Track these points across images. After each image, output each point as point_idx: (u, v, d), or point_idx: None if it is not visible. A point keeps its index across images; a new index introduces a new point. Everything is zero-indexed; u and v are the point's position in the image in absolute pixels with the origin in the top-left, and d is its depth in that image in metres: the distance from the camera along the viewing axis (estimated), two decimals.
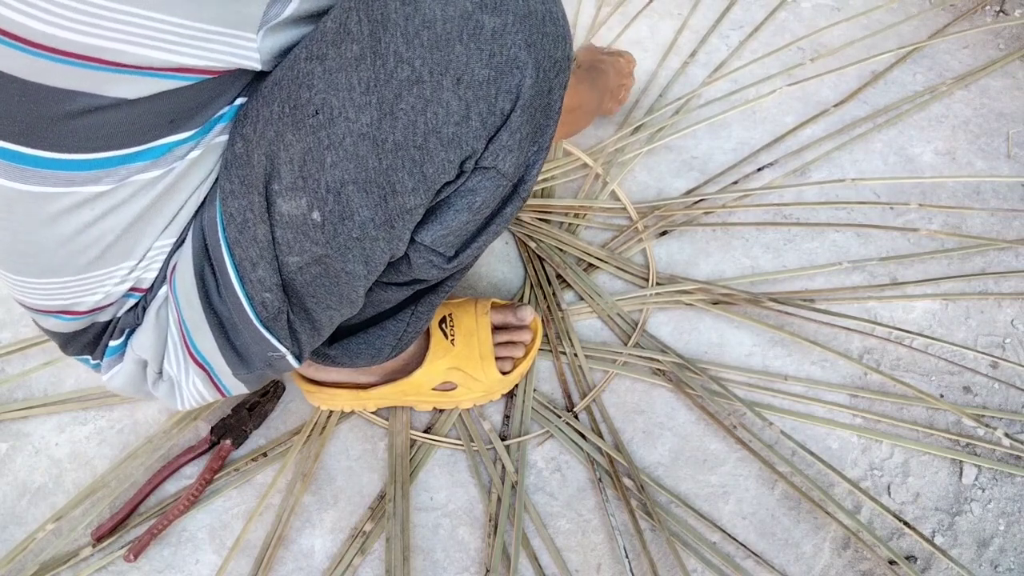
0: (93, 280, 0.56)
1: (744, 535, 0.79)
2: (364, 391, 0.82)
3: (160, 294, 0.60)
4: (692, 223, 1.02)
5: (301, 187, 0.52)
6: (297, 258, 0.56)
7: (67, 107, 0.45)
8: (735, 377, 0.89)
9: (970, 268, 0.98)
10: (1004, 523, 0.80)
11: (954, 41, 1.24)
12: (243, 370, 0.63)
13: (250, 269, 0.56)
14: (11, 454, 0.84)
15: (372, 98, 0.49)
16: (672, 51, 1.23)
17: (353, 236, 0.54)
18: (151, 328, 0.61)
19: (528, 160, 0.57)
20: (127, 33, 0.43)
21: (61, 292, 0.56)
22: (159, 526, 0.76)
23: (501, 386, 0.85)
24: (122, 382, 0.65)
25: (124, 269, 0.57)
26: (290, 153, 0.51)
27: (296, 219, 0.53)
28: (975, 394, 0.88)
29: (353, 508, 0.80)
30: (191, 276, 0.58)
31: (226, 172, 0.54)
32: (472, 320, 0.84)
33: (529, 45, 0.49)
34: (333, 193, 0.52)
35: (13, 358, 0.91)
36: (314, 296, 0.59)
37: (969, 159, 1.10)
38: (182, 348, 0.62)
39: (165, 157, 0.51)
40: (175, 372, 0.64)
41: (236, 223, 0.55)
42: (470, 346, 0.83)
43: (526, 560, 0.77)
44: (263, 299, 0.58)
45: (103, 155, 0.49)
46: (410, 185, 0.52)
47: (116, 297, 0.59)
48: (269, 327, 0.59)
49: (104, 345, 0.63)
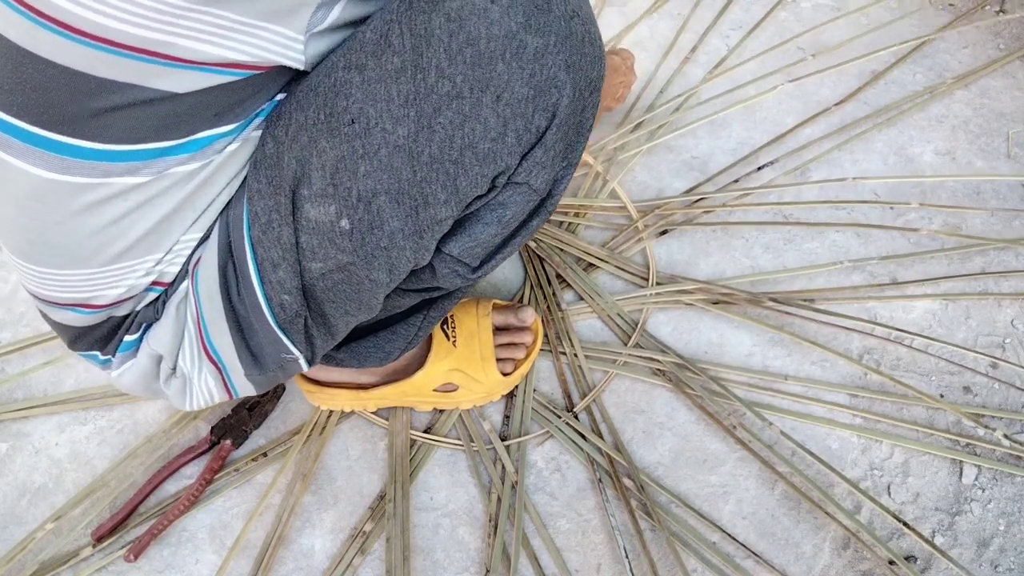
0: (118, 273, 0.56)
1: (744, 535, 0.79)
2: (365, 391, 0.82)
3: (181, 288, 0.60)
4: (692, 223, 1.02)
5: (331, 194, 0.52)
6: (320, 264, 0.56)
7: (114, 98, 0.46)
8: (735, 377, 0.89)
9: (970, 268, 0.98)
10: (1004, 523, 0.80)
11: (954, 41, 1.24)
12: (255, 371, 0.63)
13: (271, 270, 0.56)
14: (11, 454, 0.84)
15: (411, 111, 0.49)
16: (672, 50, 1.23)
17: (381, 245, 0.54)
18: (170, 323, 0.61)
19: (557, 175, 0.58)
20: (179, 26, 0.44)
21: (84, 284, 0.56)
22: (159, 526, 0.76)
23: (502, 387, 0.85)
24: (132, 379, 0.65)
25: (150, 262, 0.56)
26: (323, 160, 0.52)
27: (323, 225, 0.54)
28: (975, 394, 0.88)
29: (353, 508, 0.80)
30: (214, 271, 0.58)
31: (255, 171, 0.55)
32: (473, 321, 0.84)
33: (569, 66, 0.50)
34: (364, 202, 0.52)
35: (13, 358, 0.91)
36: (333, 301, 0.59)
37: (969, 159, 1.10)
38: (198, 344, 0.62)
39: (204, 150, 0.52)
40: (188, 369, 0.64)
41: (261, 223, 0.55)
42: (471, 347, 0.83)
43: (526, 560, 0.77)
44: (282, 301, 0.58)
45: (144, 147, 0.49)
46: (443, 198, 0.53)
47: (139, 291, 0.58)
48: (285, 329, 0.59)
49: (119, 340, 0.63)
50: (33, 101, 0.46)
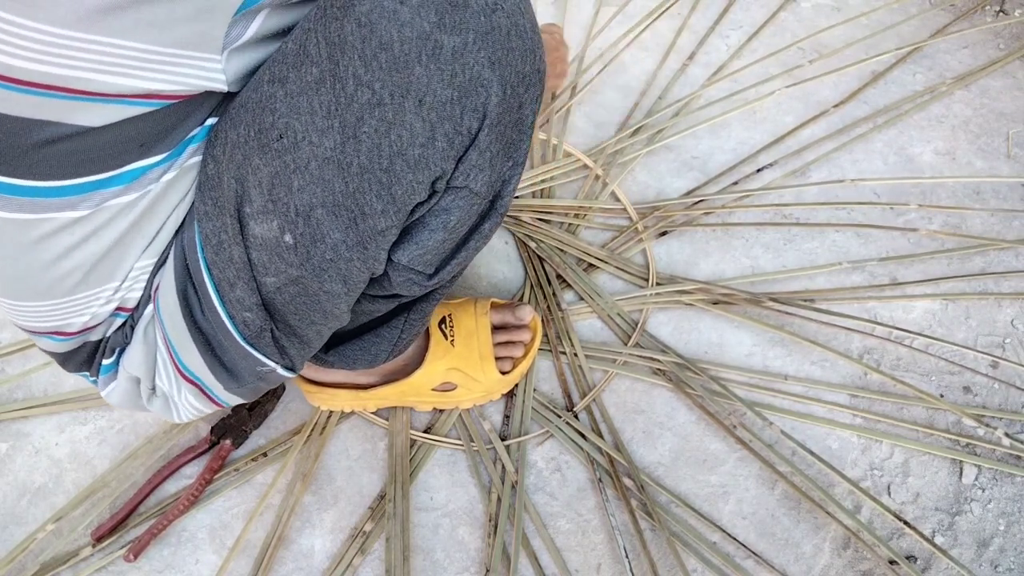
0: (79, 302, 0.56)
1: (744, 535, 0.79)
2: (364, 391, 0.82)
3: (147, 313, 0.61)
4: (692, 223, 1.02)
5: (271, 210, 0.52)
6: (274, 279, 0.55)
7: (36, 136, 0.45)
8: (735, 377, 0.89)
9: (970, 268, 0.98)
10: (1004, 523, 0.80)
11: (954, 41, 1.24)
12: (234, 384, 0.63)
13: (228, 289, 0.56)
14: (11, 454, 0.84)
15: (334, 122, 0.48)
16: (672, 52, 1.23)
17: (327, 258, 0.54)
18: (139, 346, 0.61)
19: (503, 176, 0.56)
20: (92, 62, 0.43)
21: (51, 314, 0.57)
22: (159, 526, 0.76)
23: (501, 386, 0.85)
24: (119, 398, 0.66)
25: (108, 290, 0.57)
26: (258, 177, 0.51)
27: (270, 242, 0.53)
28: (975, 394, 0.88)
29: (353, 508, 0.80)
30: (173, 296, 0.58)
31: (200, 193, 0.54)
32: (472, 320, 0.84)
33: (493, 63, 0.48)
34: (303, 217, 0.51)
35: (13, 358, 0.91)
36: (296, 313, 0.59)
37: (969, 159, 1.10)
38: (171, 366, 0.62)
39: (139, 181, 0.51)
40: (167, 388, 0.64)
41: (212, 244, 0.55)
42: (470, 347, 0.83)
43: (526, 560, 0.77)
44: (244, 318, 0.57)
45: (75, 181, 0.49)
46: (379, 207, 0.51)
47: (103, 318, 0.59)
48: (254, 344, 0.59)
49: (98, 363, 0.64)
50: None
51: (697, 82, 1.19)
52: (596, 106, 1.16)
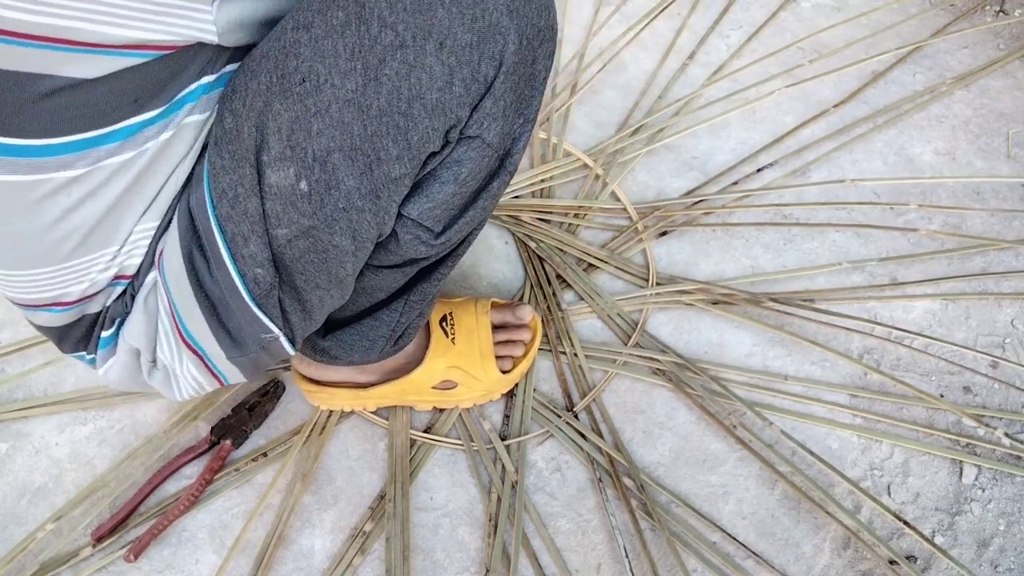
0: (78, 268, 0.56)
1: (744, 535, 0.79)
2: (364, 390, 0.82)
3: (148, 280, 0.60)
4: (692, 223, 1.02)
5: (289, 156, 0.52)
6: (286, 230, 0.55)
7: (30, 90, 0.45)
8: (735, 377, 0.89)
9: (970, 268, 0.98)
10: (1004, 523, 0.80)
11: (954, 41, 1.24)
12: (237, 353, 0.63)
13: (242, 244, 0.56)
14: (11, 454, 0.84)
15: (357, 64, 0.49)
16: (672, 51, 1.23)
17: (339, 206, 0.54)
18: (140, 315, 0.61)
19: (514, 132, 0.57)
20: (83, 11, 0.43)
21: (49, 282, 0.56)
22: (159, 526, 0.76)
23: (501, 385, 0.85)
24: (118, 374, 0.65)
25: (107, 255, 0.57)
26: (278, 123, 0.51)
27: (285, 190, 0.53)
28: (975, 394, 0.88)
29: (353, 508, 0.80)
30: (179, 259, 0.58)
31: (216, 148, 0.54)
32: (472, 319, 0.84)
33: (511, 11, 0.50)
34: (320, 162, 0.52)
35: (13, 358, 0.91)
36: (303, 273, 0.59)
37: (969, 159, 1.10)
38: (174, 334, 0.61)
39: (134, 138, 0.51)
40: (169, 360, 0.63)
41: (228, 198, 0.55)
42: (470, 345, 0.83)
43: (526, 560, 0.77)
44: (255, 275, 0.57)
45: (70, 138, 0.49)
46: (395, 153, 0.52)
47: (102, 285, 0.59)
48: (261, 305, 0.59)
49: (96, 337, 0.63)
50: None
51: (697, 82, 1.19)
52: (596, 106, 1.16)
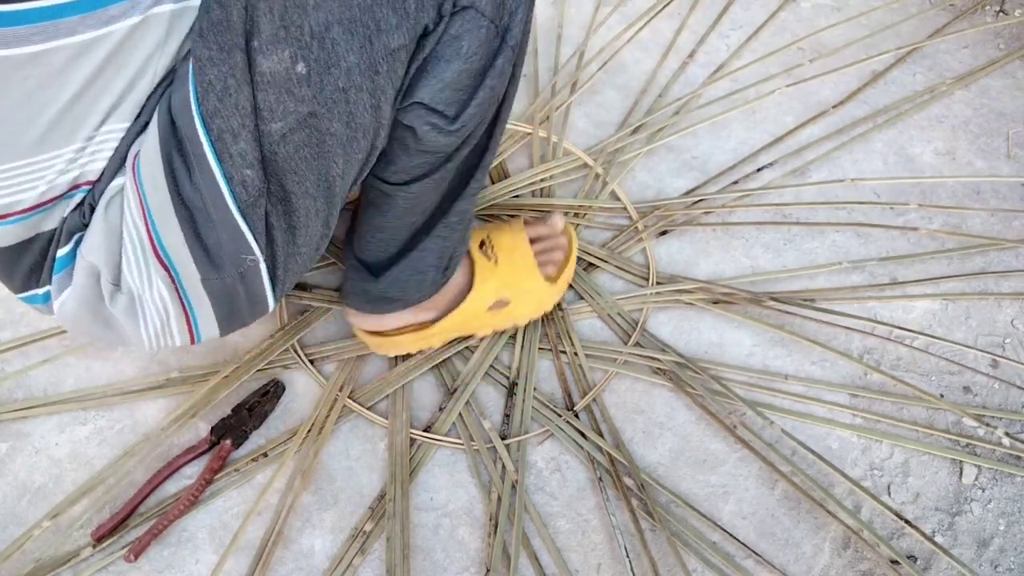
0: (34, 167, 0.53)
1: (744, 535, 0.79)
2: (426, 329, 0.83)
3: (112, 187, 0.56)
4: (692, 223, 1.02)
5: (283, 38, 0.51)
6: (280, 123, 0.54)
7: None
8: (735, 377, 0.89)
9: (970, 268, 0.98)
10: (1004, 523, 0.80)
11: (954, 41, 1.24)
12: (213, 274, 0.59)
13: (231, 142, 0.53)
14: (11, 454, 0.84)
15: None
16: (672, 51, 1.23)
17: (339, 86, 0.53)
18: (100, 226, 0.57)
19: (509, 4, 0.57)
20: None
21: (2, 184, 0.53)
22: (159, 526, 0.76)
23: (551, 295, 0.87)
24: (75, 305, 0.60)
25: (66, 155, 0.53)
26: (270, 3, 0.50)
27: (279, 75, 0.52)
28: (975, 394, 0.88)
29: (353, 508, 0.80)
30: (158, 162, 0.54)
31: (202, 40, 0.52)
32: (509, 238, 0.86)
33: None
34: (318, 39, 0.51)
35: (13, 358, 0.91)
36: (295, 172, 0.56)
37: (969, 159, 1.10)
38: (146, 245, 0.57)
39: (96, 14, 0.49)
40: (136, 279, 0.59)
41: (215, 91, 0.52)
42: (513, 262, 0.84)
43: (526, 560, 0.77)
44: (243, 177, 0.55)
45: (32, 5, 0.46)
46: (394, 22, 0.52)
47: (60, 190, 0.55)
48: (246, 215, 0.56)
49: (52, 259, 0.59)
50: None
51: (697, 81, 1.19)
52: (596, 105, 1.16)
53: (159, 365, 0.90)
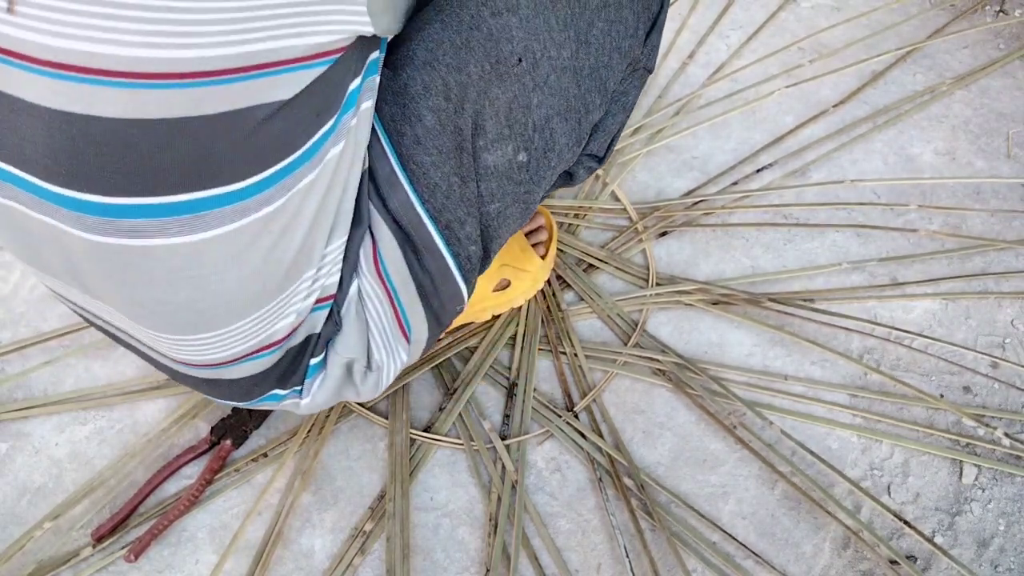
0: (283, 303, 0.55)
1: (744, 535, 0.79)
2: None
3: (351, 292, 0.60)
4: (692, 223, 1.02)
5: (507, 136, 0.55)
6: (498, 204, 0.59)
7: (242, 127, 0.43)
8: (735, 377, 0.89)
9: (970, 268, 0.98)
10: (1004, 523, 0.80)
11: (954, 41, 1.24)
12: (437, 331, 0.67)
13: (458, 229, 0.59)
14: (11, 454, 0.84)
15: (570, 32, 0.53)
16: (672, 51, 1.23)
17: (551, 165, 0.58)
18: (353, 326, 0.61)
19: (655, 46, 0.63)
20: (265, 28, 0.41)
21: (259, 327, 0.55)
22: (159, 526, 0.76)
23: (544, 271, 0.91)
24: (325, 396, 0.65)
25: (308, 281, 0.56)
26: (495, 107, 0.54)
27: (501, 167, 0.57)
28: (975, 394, 0.88)
29: (353, 508, 0.80)
30: (402, 264, 0.59)
31: (419, 147, 0.55)
32: None
33: None
34: (539, 130, 0.56)
35: (13, 358, 0.91)
36: (499, 237, 0.62)
37: (969, 159, 1.10)
38: (394, 329, 0.63)
39: (318, 155, 0.50)
40: (383, 357, 0.65)
41: (442, 191, 0.56)
42: (508, 243, 0.88)
43: (526, 560, 0.77)
44: (468, 253, 0.60)
45: (272, 170, 0.47)
46: (598, 102, 0.58)
47: (306, 313, 0.57)
48: (467, 280, 0.63)
49: (304, 367, 0.62)
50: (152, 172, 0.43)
51: (697, 82, 1.19)
52: None
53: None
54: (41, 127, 0.41)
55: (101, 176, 0.43)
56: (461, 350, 0.90)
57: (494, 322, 0.92)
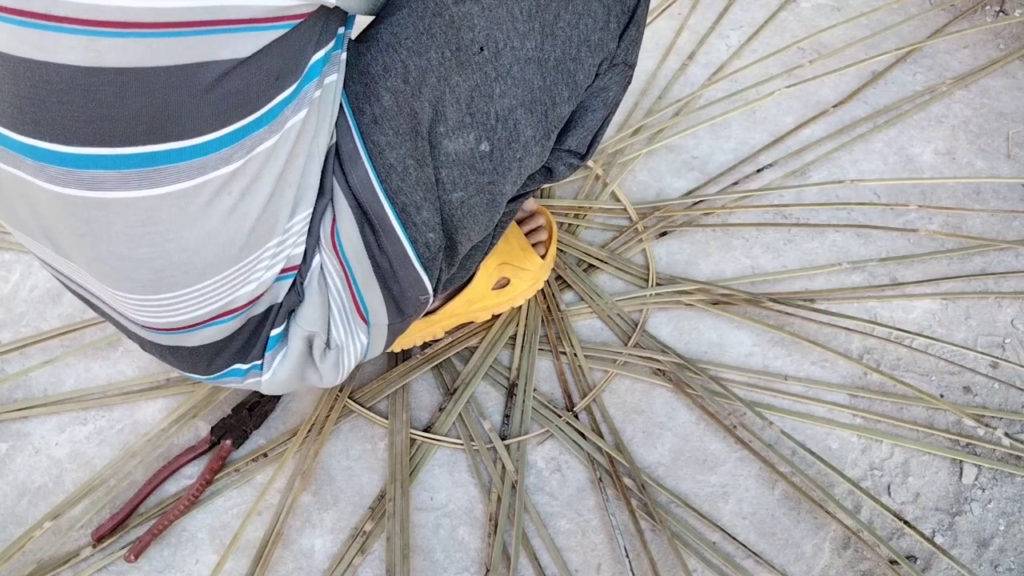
0: (244, 270, 0.55)
1: (744, 535, 0.79)
2: (431, 316, 0.85)
3: (314, 265, 0.60)
4: (692, 223, 1.02)
5: (468, 123, 0.55)
6: (461, 193, 0.59)
7: (197, 82, 0.44)
8: (735, 377, 0.89)
9: (970, 268, 0.98)
10: (1004, 523, 0.80)
11: (954, 41, 1.24)
12: (398, 319, 0.66)
13: (415, 213, 0.58)
14: (11, 454, 0.84)
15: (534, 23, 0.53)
16: (672, 51, 1.23)
17: (516, 157, 0.58)
18: (315, 298, 0.62)
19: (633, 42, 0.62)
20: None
21: (219, 291, 0.55)
22: (159, 526, 0.76)
23: (544, 270, 0.90)
24: (286, 372, 0.65)
25: (270, 250, 0.56)
26: (456, 94, 0.54)
27: (463, 155, 0.56)
28: (975, 394, 0.88)
29: (353, 508, 0.80)
30: (357, 239, 0.59)
31: (376, 126, 0.56)
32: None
33: None
34: (502, 121, 0.56)
35: (13, 358, 0.91)
36: (464, 228, 0.62)
37: (969, 159, 1.10)
38: (350, 309, 0.63)
39: (278, 120, 0.50)
40: (343, 337, 0.65)
41: (397, 172, 0.57)
42: (508, 242, 0.88)
43: (526, 560, 0.77)
44: (427, 240, 0.60)
45: (229, 129, 0.47)
46: (566, 95, 0.57)
47: (270, 283, 0.58)
48: (427, 268, 0.62)
49: (264, 338, 0.62)
50: (112, 122, 0.44)
51: (697, 82, 1.19)
52: None
53: (159, 365, 0.90)
54: (7, 75, 0.42)
55: (63, 124, 0.43)
56: (461, 350, 0.90)
57: (494, 322, 0.92)
